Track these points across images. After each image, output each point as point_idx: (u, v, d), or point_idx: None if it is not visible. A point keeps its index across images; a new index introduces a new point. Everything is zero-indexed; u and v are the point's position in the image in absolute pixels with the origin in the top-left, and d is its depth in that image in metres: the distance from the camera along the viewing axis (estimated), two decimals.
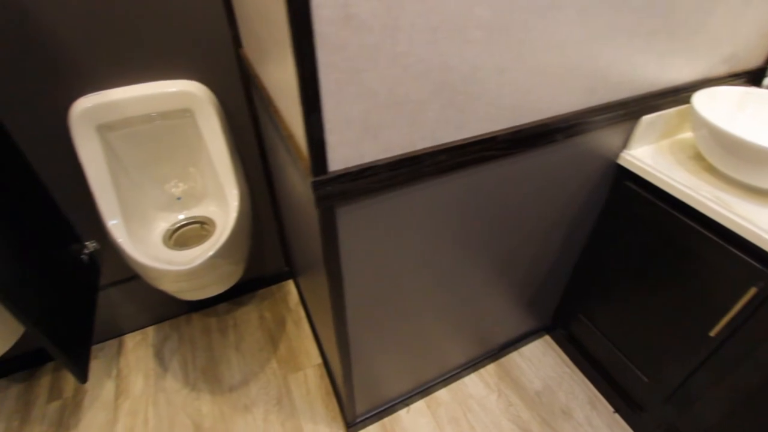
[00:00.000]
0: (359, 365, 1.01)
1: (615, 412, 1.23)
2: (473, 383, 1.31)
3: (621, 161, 0.97)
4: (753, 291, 0.78)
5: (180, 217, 1.21)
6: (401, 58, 0.55)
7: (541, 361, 1.37)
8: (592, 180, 0.98)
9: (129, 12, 0.93)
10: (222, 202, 1.17)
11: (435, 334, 1.09)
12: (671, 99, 0.93)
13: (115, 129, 1.03)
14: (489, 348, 1.33)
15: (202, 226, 1.21)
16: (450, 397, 1.28)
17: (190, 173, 1.19)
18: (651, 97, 0.89)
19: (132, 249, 0.99)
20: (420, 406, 1.26)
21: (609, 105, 0.83)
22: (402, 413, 1.24)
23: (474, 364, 1.34)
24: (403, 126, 0.61)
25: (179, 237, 1.19)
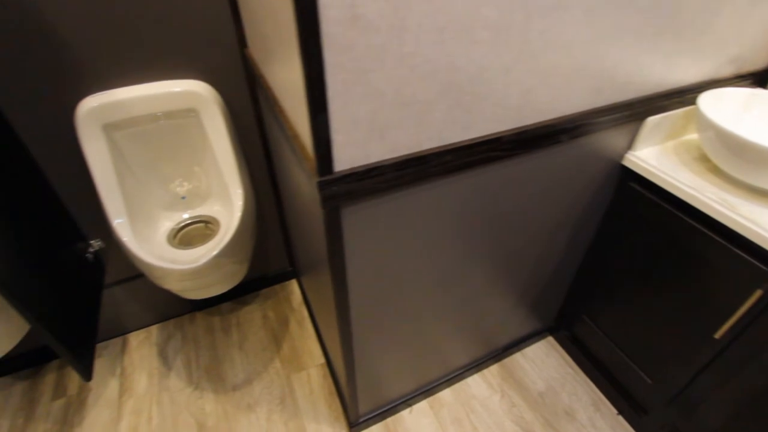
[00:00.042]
0: (362, 365, 1.01)
1: (618, 414, 1.23)
2: (476, 384, 1.31)
3: (626, 162, 0.97)
4: (758, 293, 0.78)
5: (184, 216, 1.21)
6: (408, 58, 0.55)
7: (545, 362, 1.37)
8: (596, 181, 0.98)
9: (135, 12, 0.94)
10: (226, 201, 1.17)
11: (438, 334, 1.09)
12: (677, 100, 0.93)
13: (121, 128, 1.04)
14: (492, 349, 1.33)
15: (206, 225, 1.21)
16: (453, 398, 1.28)
17: (194, 173, 1.20)
18: (656, 98, 0.89)
19: (137, 248, 0.99)
20: (423, 406, 1.26)
21: (614, 106, 0.83)
22: (405, 413, 1.24)
23: (477, 364, 1.33)
24: (410, 126, 0.62)
25: (184, 236, 1.19)
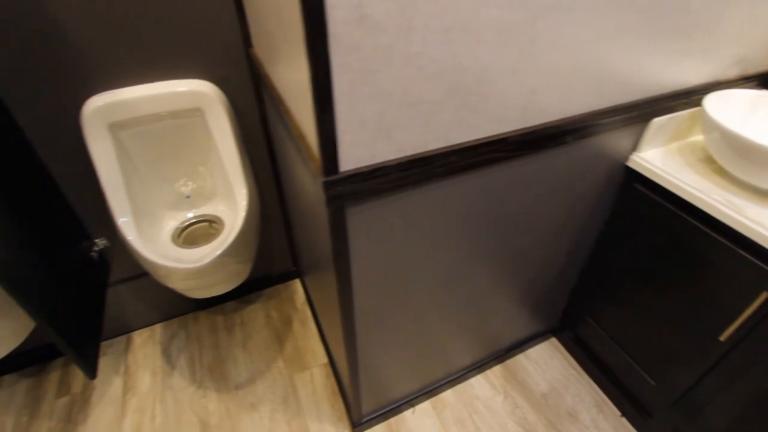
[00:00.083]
0: (366, 365, 1.01)
1: (622, 416, 1.23)
2: (479, 384, 1.31)
3: (630, 163, 0.97)
4: (765, 295, 0.77)
5: (189, 216, 1.22)
6: (415, 58, 0.55)
7: (548, 364, 1.36)
8: (601, 182, 0.98)
9: (140, 12, 0.94)
10: (231, 201, 1.17)
11: (441, 334, 1.09)
12: (682, 101, 0.92)
13: (127, 128, 1.04)
14: (495, 349, 1.33)
15: (210, 224, 1.22)
16: (456, 399, 1.27)
17: (199, 172, 1.20)
18: (661, 100, 0.88)
19: (142, 247, 0.99)
20: (426, 406, 1.26)
21: (619, 107, 0.83)
22: (407, 414, 1.24)
23: (480, 365, 1.33)
24: (417, 126, 0.62)
25: (188, 235, 1.19)
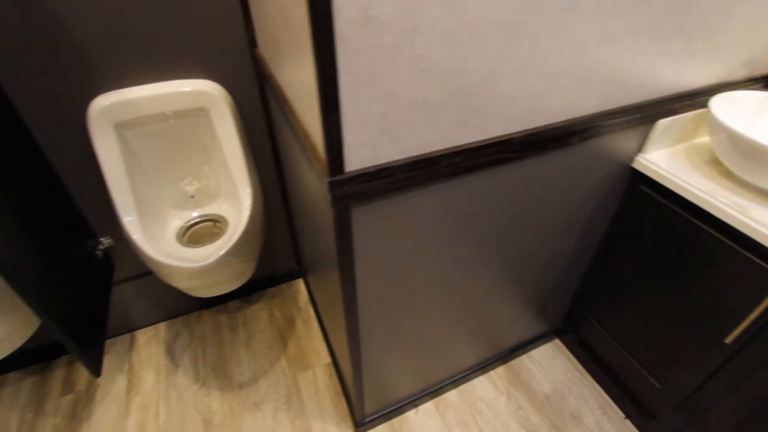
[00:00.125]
0: (369, 365, 1.01)
1: (626, 418, 1.22)
2: (482, 385, 1.31)
3: (636, 165, 0.97)
4: None
5: (193, 215, 1.22)
6: (420, 60, 0.55)
7: (551, 365, 1.36)
8: (606, 184, 0.98)
9: (146, 12, 0.94)
10: (235, 200, 1.18)
11: (444, 335, 1.09)
12: (688, 103, 0.92)
13: (132, 127, 1.05)
14: (499, 350, 1.33)
15: (214, 224, 1.22)
16: (459, 399, 1.27)
17: (204, 171, 1.21)
18: (667, 101, 0.88)
19: (146, 245, 1.00)
20: (428, 407, 1.26)
21: (625, 108, 0.83)
22: (410, 414, 1.24)
23: (483, 366, 1.33)
24: (421, 127, 0.62)
25: (192, 234, 1.20)
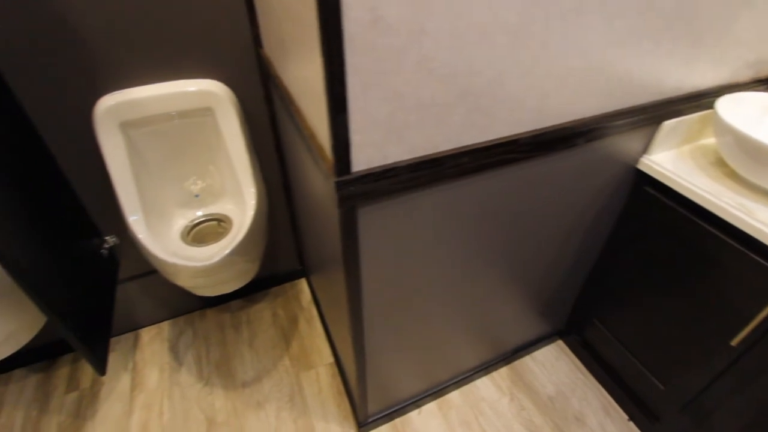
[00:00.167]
0: (372, 365, 1.01)
1: (629, 419, 1.22)
2: (485, 386, 1.31)
3: (641, 166, 0.96)
4: None
5: (198, 214, 1.23)
6: (427, 61, 0.55)
7: (554, 366, 1.36)
8: (611, 185, 0.98)
9: (152, 12, 0.95)
10: (239, 200, 1.18)
11: (447, 335, 1.09)
12: (693, 104, 0.92)
13: (138, 126, 1.05)
14: (502, 351, 1.33)
15: (219, 223, 1.23)
16: (462, 400, 1.27)
17: (208, 171, 1.21)
18: (673, 102, 0.88)
19: (152, 244, 1.00)
20: (431, 407, 1.26)
21: (630, 109, 0.82)
22: (413, 414, 1.24)
23: (486, 367, 1.33)
24: (428, 128, 0.62)
25: (197, 234, 1.20)
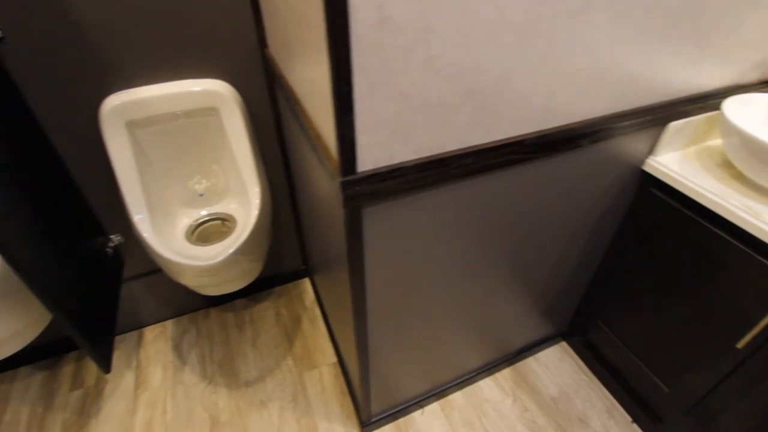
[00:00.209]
0: (376, 365, 1.01)
1: (633, 421, 1.21)
2: (488, 387, 1.31)
3: (646, 167, 0.96)
4: None
5: (202, 213, 1.23)
6: (434, 60, 0.55)
7: (558, 368, 1.36)
8: (616, 186, 0.97)
9: (158, 12, 0.95)
10: (244, 199, 1.18)
11: (451, 336, 1.09)
12: (699, 105, 0.91)
13: (143, 126, 1.06)
14: (505, 352, 1.32)
15: (223, 222, 1.23)
16: (465, 401, 1.27)
17: (213, 170, 1.21)
18: (679, 103, 0.88)
19: (157, 243, 1.00)
20: (434, 408, 1.26)
21: (636, 110, 0.82)
22: (416, 415, 1.24)
23: (489, 368, 1.33)
24: (435, 128, 0.62)
25: (201, 233, 1.21)
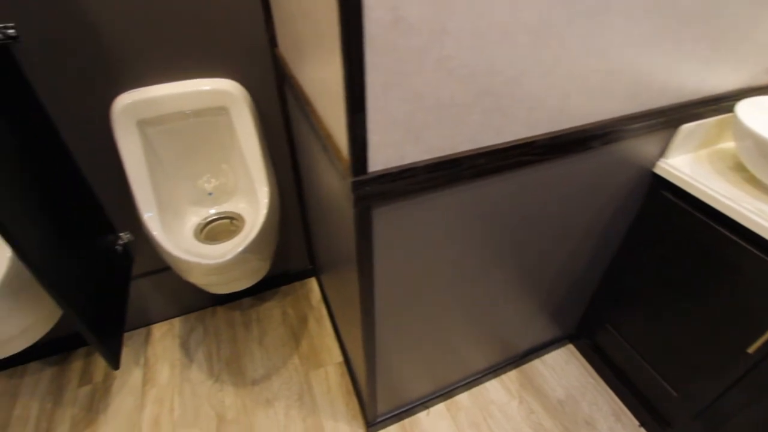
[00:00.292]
0: (382, 365, 1.01)
1: (640, 426, 1.20)
2: (494, 389, 1.30)
3: (657, 170, 0.95)
4: None
5: (211, 212, 1.24)
6: (447, 61, 0.55)
7: (564, 370, 1.35)
8: (626, 188, 0.97)
9: (169, 12, 0.96)
10: (252, 198, 1.19)
11: (458, 337, 1.09)
12: (712, 108, 0.91)
13: (154, 125, 1.06)
14: (511, 354, 1.32)
15: (231, 221, 1.23)
16: (471, 402, 1.27)
17: (222, 169, 1.22)
18: (691, 106, 0.87)
19: (166, 241, 1.01)
20: (440, 409, 1.25)
21: (648, 112, 0.82)
22: (422, 415, 1.24)
23: (496, 369, 1.33)
24: (447, 129, 0.62)
25: (209, 231, 1.21)
